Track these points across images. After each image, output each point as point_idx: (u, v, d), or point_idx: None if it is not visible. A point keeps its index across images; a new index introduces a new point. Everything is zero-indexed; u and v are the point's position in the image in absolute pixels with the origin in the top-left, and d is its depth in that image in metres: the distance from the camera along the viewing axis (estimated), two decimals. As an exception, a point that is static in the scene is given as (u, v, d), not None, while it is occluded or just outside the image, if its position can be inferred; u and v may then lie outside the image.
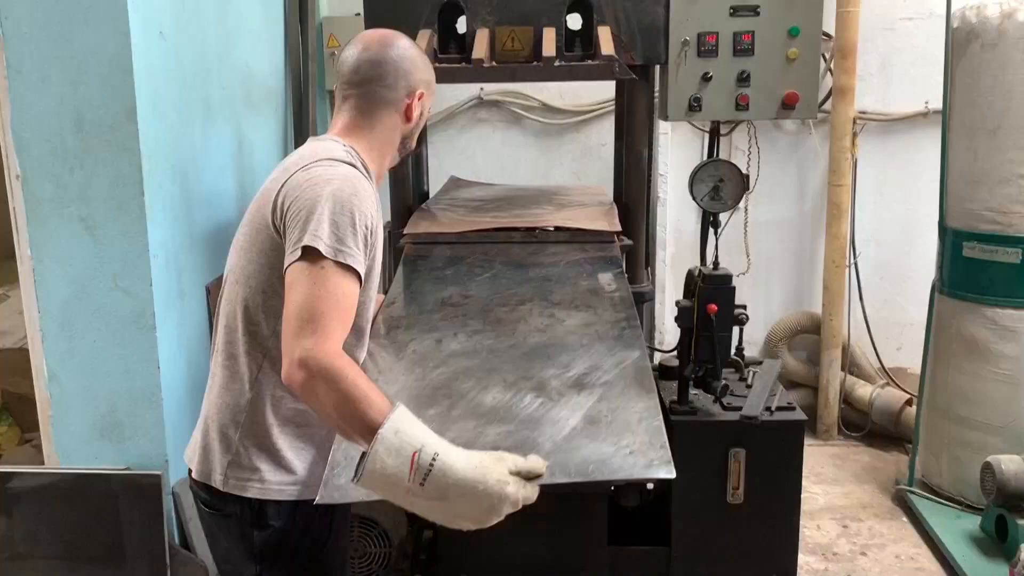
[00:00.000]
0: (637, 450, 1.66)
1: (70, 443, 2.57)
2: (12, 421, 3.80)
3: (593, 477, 1.61)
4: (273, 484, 1.72)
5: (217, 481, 1.73)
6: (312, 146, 1.78)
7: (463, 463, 1.41)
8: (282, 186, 1.67)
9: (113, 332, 2.49)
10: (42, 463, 2.66)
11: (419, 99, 1.84)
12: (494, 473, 1.42)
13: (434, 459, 1.39)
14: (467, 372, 1.89)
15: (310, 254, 1.54)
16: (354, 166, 1.71)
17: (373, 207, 1.68)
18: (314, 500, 1.57)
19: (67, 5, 2.32)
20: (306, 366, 1.44)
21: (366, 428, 1.41)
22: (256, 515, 1.73)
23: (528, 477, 1.48)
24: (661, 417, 1.75)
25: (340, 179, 1.63)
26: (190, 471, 1.81)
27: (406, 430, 1.41)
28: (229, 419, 1.73)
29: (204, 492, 1.78)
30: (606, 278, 2.33)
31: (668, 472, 1.60)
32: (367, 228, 1.63)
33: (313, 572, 1.80)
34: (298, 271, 1.54)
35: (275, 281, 1.66)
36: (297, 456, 1.74)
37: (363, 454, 1.41)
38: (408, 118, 1.84)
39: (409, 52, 1.84)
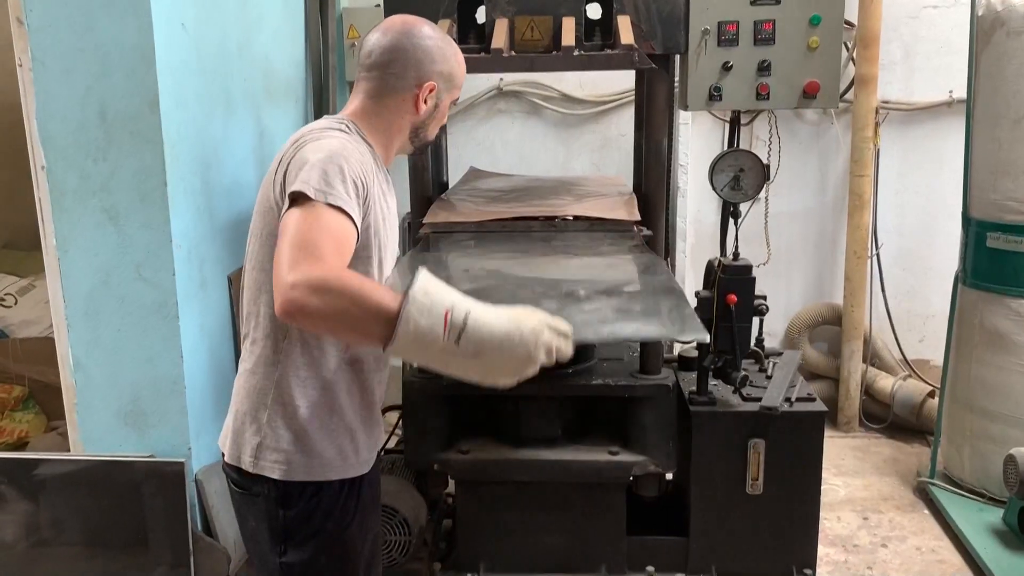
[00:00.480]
0: (668, 322, 1.72)
1: (95, 431, 2.60)
2: (38, 409, 3.86)
3: (622, 335, 1.70)
4: (299, 465, 1.75)
5: (246, 463, 1.77)
6: (309, 125, 1.81)
7: (496, 316, 1.43)
8: (279, 166, 1.70)
9: (137, 321, 2.52)
10: (67, 450, 2.70)
11: (430, 92, 1.82)
12: (528, 322, 1.44)
13: (467, 315, 1.40)
14: (495, 289, 1.93)
15: (299, 200, 1.54)
16: (346, 133, 1.75)
17: (365, 167, 1.68)
18: (339, 479, 1.70)
19: (91, -3, 2.35)
20: (300, 286, 1.40)
21: (384, 315, 1.40)
22: (282, 495, 1.76)
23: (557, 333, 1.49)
24: (691, 308, 1.79)
25: (326, 139, 1.68)
26: (223, 455, 1.87)
27: (435, 291, 1.42)
28: (258, 401, 1.76)
29: (235, 473, 1.82)
30: (628, 245, 2.40)
31: (701, 335, 1.63)
32: (357, 181, 1.62)
33: (337, 553, 1.82)
34: (288, 216, 1.54)
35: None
36: (325, 437, 1.77)
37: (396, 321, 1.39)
38: (416, 109, 1.83)
39: (426, 43, 1.81)
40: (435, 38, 1.83)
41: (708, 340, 1.68)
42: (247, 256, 1.81)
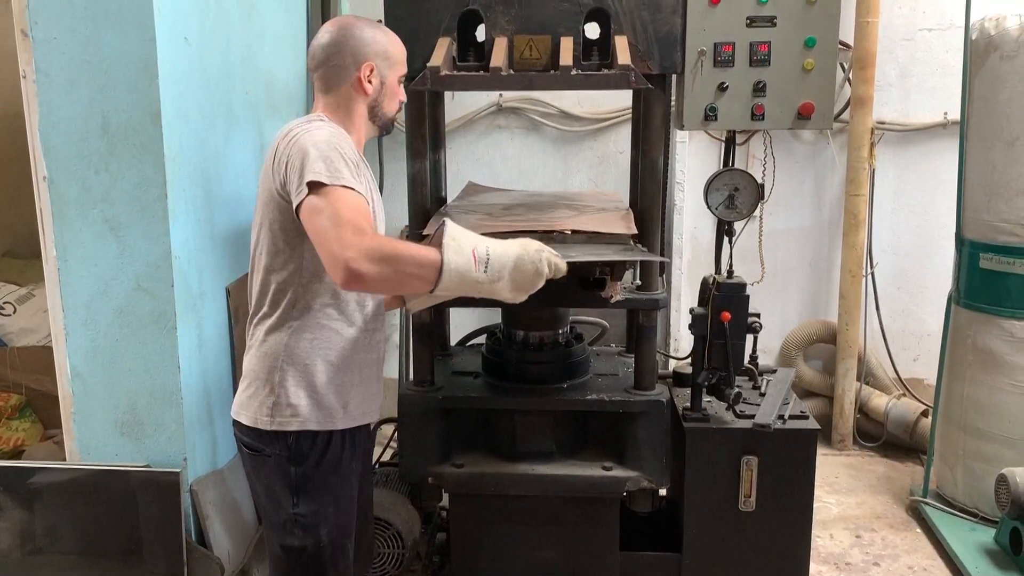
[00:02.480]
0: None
1: (91, 440, 2.61)
2: (35, 418, 3.86)
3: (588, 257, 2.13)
4: (311, 417, 2.00)
5: (263, 422, 1.99)
6: (289, 123, 2.01)
7: (507, 245, 1.88)
8: (275, 159, 1.92)
9: (135, 331, 2.53)
10: (64, 459, 2.71)
11: (371, 72, 2.03)
12: (531, 246, 1.90)
13: (488, 249, 1.85)
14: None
15: (314, 189, 1.79)
16: (328, 125, 1.98)
17: (351, 148, 1.94)
18: (342, 431, 2.04)
19: (95, 11, 2.37)
20: (357, 259, 1.71)
21: (428, 264, 1.78)
22: (294, 453, 2.00)
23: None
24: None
25: (314, 130, 1.91)
26: (236, 423, 2.06)
27: (460, 235, 1.84)
28: (271, 365, 2.00)
29: (247, 436, 2.04)
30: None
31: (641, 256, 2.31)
32: (351, 164, 1.87)
33: (342, 502, 2.08)
34: (311, 204, 1.80)
35: (290, 237, 1.93)
36: (334, 392, 2.02)
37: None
38: (364, 91, 2.04)
39: (356, 31, 2.03)
40: (364, 27, 2.05)
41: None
42: (253, 243, 2.05)
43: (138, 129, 2.43)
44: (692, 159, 4.50)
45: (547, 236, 2.55)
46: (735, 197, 2.61)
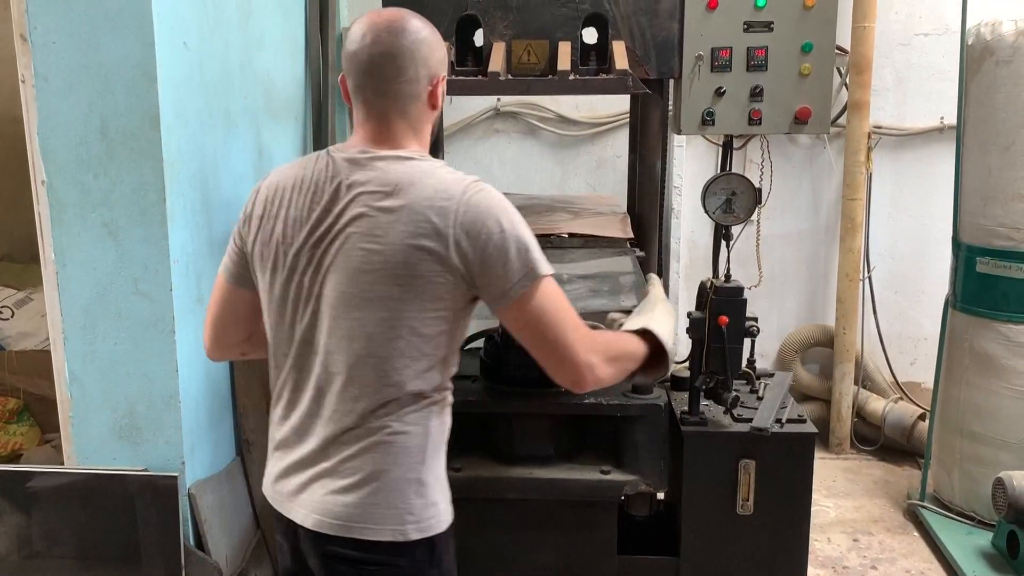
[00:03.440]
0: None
1: (89, 444, 2.61)
2: (33, 422, 3.86)
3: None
4: (445, 512, 1.76)
5: (411, 531, 1.67)
6: (418, 166, 1.63)
7: (666, 321, 1.93)
8: (442, 230, 1.56)
9: (133, 336, 2.53)
10: (61, 463, 2.70)
11: (442, 81, 1.71)
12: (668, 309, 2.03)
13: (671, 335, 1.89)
14: None
15: (533, 279, 1.58)
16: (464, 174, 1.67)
17: None
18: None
19: (94, 15, 2.37)
20: (596, 364, 1.64)
21: (641, 357, 1.81)
22: (432, 552, 1.72)
23: None
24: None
25: (487, 190, 1.63)
26: (341, 538, 1.66)
27: (656, 329, 1.85)
28: (415, 460, 1.69)
29: (371, 551, 1.66)
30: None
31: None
32: None
33: None
34: (534, 301, 1.59)
35: (449, 324, 1.65)
36: (446, 480, 1.81)
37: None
38: (434, 106, 1.71)
39: (423, 33, 1.66)
40: (425, 26, 1.68)
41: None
42: (355, 323, 1.62)
43: (137, 133, 2.43)
44: (689, 163, 4.52)
45: (544, 239, 2.57)
46: (733, 201, 2.61)
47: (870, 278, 4.52)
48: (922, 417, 4.26)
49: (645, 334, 1.84)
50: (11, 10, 2.39)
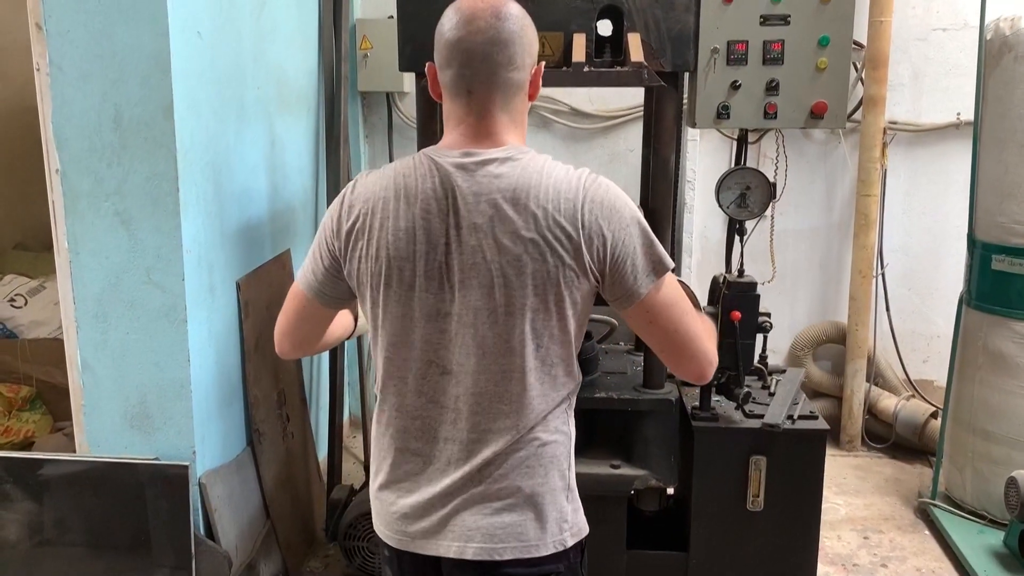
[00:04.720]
0: None
1: (101, 432, 2.63)
2: (45, 409, 3.88)
3: None
4: (582, 511, 1.70)
5: (568, 539, 1.63)
6: (532, 162, 1.57)
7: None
8: (568, 229, 1.51)
9: (145, 325, 2.54)
10: (73, 451, 2.72)
11: (542, 69, 1.63)
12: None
13: None
14: None
15: (660, 275, 1.55)
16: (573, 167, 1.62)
17: None
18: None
19: (109, 5, 2.38)
20: (715, 352, 1.66)
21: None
22: (582, 553, 1.68)
23: None
24: None
25: (605, 184, 1.59)
26: (510, 561, 1.59)
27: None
28: (562, 467, 1.64)
29: (539, 565, 1.61)
30: None
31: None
32: None
33: None
34: (661, 294, 1.56)
35: (581, 321, 1.59)
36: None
37: None
38: (532, 96, 1.63)
39: (527, 19, 1.57)
40: (524, 12, 1.57)
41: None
42: (504, 335, 1.54)
43: (150, 123, 2.44)
44: (703, 158, 4.49)
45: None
46: (747, 196, 2.60)
47: (883, 275, 4.49)
48: (934, 415, 4.23)
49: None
50: (27, 0, 2.40)
